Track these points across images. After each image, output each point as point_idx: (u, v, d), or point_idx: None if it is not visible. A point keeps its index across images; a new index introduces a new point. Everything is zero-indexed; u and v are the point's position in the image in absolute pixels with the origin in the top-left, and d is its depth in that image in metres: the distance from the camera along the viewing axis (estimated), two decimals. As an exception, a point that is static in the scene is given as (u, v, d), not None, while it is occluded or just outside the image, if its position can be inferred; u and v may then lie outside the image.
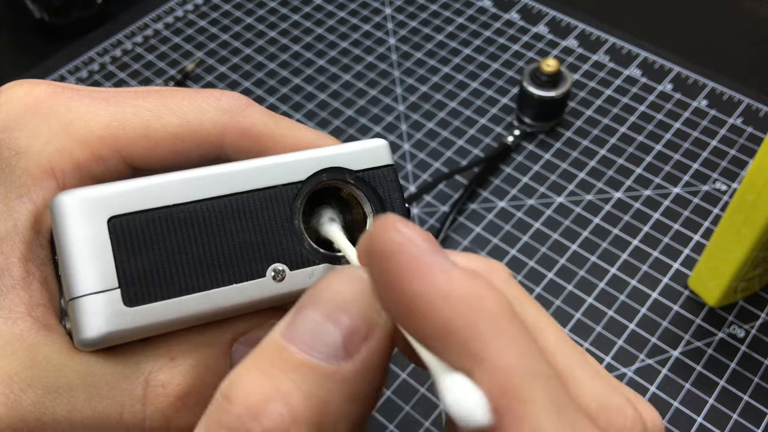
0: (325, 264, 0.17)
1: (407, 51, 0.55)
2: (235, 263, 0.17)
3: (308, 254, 0.17)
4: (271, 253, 0.17)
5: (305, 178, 0.18)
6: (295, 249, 0.17)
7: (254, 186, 0.17)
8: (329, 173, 0.18)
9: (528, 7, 0.57)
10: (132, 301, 0.16)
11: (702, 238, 0.43)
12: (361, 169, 0.18)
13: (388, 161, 0.19)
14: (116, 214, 0.16)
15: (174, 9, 0.59)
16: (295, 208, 0.18)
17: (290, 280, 0.17)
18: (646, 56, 0.53)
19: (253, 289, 0.17)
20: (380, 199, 0.18)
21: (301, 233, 0.18)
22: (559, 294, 0.41)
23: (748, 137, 0.48)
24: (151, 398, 0.16)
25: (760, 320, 0.40)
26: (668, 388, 0.38)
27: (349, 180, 0.18)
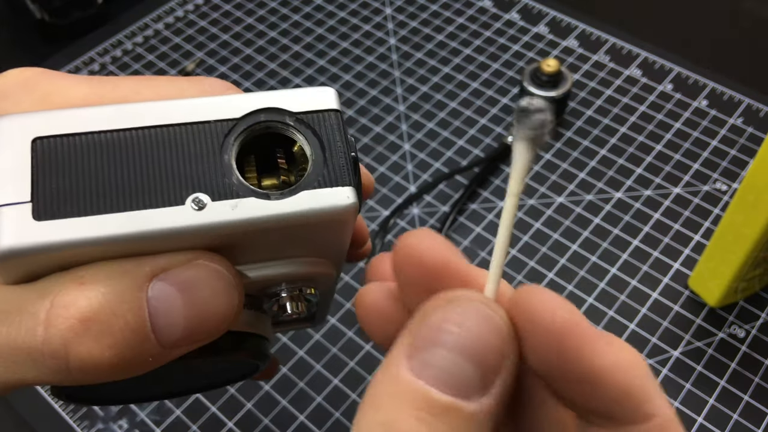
0: (251, 198, 0.16)
1: (407, 51, 0.55)
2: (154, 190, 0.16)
3: (235, 188, 0.17)
4: (194, 183, 0.16)
5: (241, 116, 0.17)
6: (221, 182, 0.16)
7: (187, 120, 0.17)
8: (267, 113, 0.17)
9: (528, 7, 0.57)
10: (41, 215, 0.15)
11: (702, 238, 0.43)
12: (302, 111, 0.18)
13: (333, 106, 0.18)
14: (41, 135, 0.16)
15: (174, 9, 0.59)
16: (227, 144, 0.17)
17: (211, 210, 0.16)
18: (646, 56, 0.53)
19: (171, 216, 0.16)
20: (321, 143, 0.17)
21: (230, 167, 0.17)
22: (559, 294, 0.41)
23: (749, 137, 0.48)
24: (53, 319, 0.16)
25: (761, 320, 0.40)
26: (668, 388, 0.38)
27: (289, 121, 0.18)
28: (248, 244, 0.18)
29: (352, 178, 0.17)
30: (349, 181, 0.17)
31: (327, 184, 0.17)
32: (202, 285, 0.17)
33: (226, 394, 0.38)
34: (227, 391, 0.38)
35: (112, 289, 0.16)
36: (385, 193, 0.46)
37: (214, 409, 0.38)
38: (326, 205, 0.17)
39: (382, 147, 0.49)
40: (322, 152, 0.17)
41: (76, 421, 0.38)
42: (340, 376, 0.39)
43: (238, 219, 0.16)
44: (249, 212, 0.16)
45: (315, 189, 0.17)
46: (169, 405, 0.38)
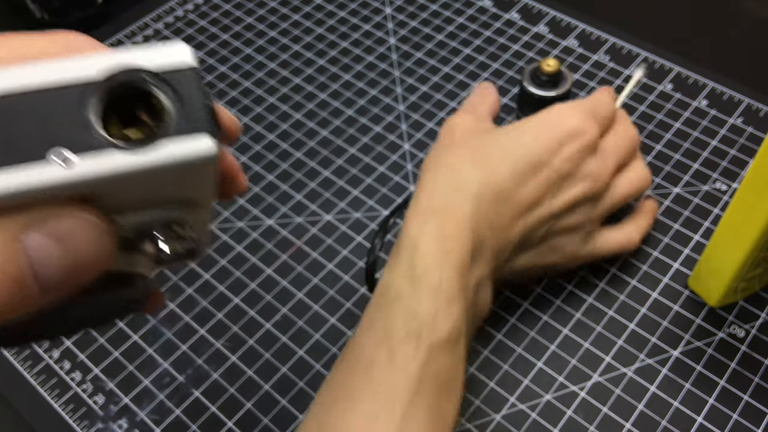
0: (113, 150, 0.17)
1: (407, 51, 0.55)
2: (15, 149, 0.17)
3: (97, 143, 0.17)
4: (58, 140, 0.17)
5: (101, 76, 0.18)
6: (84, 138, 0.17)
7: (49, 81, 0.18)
8: (126, 73, 0.18)
9: (528, 6, 0.57)
10: None
11: (702, 238, 0.43)
12: (160, 68, 0.19)
13: (189, 62, 0.19)
14: None
15: (174, 9, 0.59)
16: (89, 103, 0.18)
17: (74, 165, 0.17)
18: (646, 56, 0.53)
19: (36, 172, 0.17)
20: (179, 96, 0.18)
21: (91, 123, 0.18)
22: (559, 294, 0.41)
23: (748, 137, 0.48)
24: None
25: (760, 320, 0.40)
26: (668, 387, 0.38)
27: (147, 79, 0.18)
28: (117, 194, 0.19)
29: (208, 126, 0.18)
30: (206, 129, 0.18)
31: (185, 131, 0.18)
32: (75, 234, 0.18)
33: (226, 394, 0.38)
34: (227, 390, 0.39)
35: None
36: (385, 193, 0.46)
37: (214, 409, 0.38)
38: (186, 152, 0.18)
39: (382, 146, 0.49)
40: (180, 105, 0.18)
41: (76, 420, 0.38)
42: (340, 376, 0.39)
43: (102, 172, 0.17)
44: (110, 164, 0.17)
45: (174, 138, 0.18)
46: (169, 405, 0.38)
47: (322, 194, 0.47)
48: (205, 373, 0.39)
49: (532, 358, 0.39)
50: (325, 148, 0.49)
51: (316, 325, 0.41)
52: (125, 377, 0.39)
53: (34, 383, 0.39)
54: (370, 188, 0.47)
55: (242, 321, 0.41)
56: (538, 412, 0.37)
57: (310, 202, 0.46)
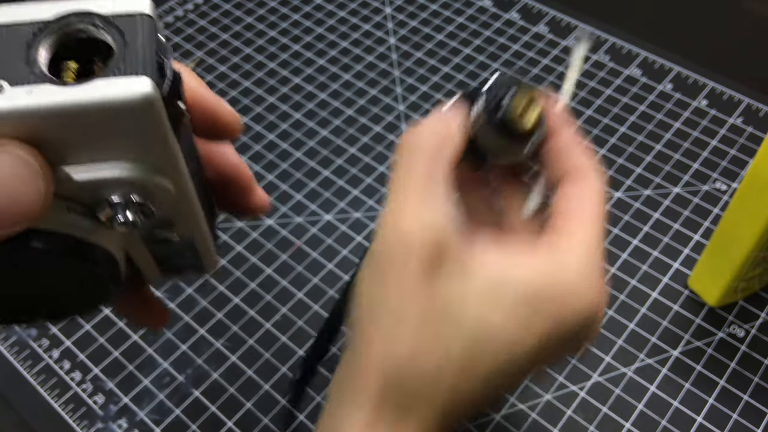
0: (47, 84, 0.17)
1: (407, 50, 0.55)
2: None
3: (35, 77, 0.17)
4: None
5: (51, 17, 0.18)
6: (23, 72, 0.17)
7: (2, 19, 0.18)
8: (78, 16, 0.18)
9: (528, 6, 0.57)
10: None
11: (702, 237, 0.43)
12: (112, 14, 0.18)
13: (145, 10, 0.18)
14: None
15: (174, 8, 0.59)
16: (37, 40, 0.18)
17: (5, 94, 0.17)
18: (646, 56, 0.53)
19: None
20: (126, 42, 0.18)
21: (35, 60, 0.17)
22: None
23: (748, 137, 0.48)
24: None
25: (760, 320, 0.40)
26: (668, 387, 0.38)
27: (97, 22, 0.18)
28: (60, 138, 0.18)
29: (150, 71, 0.18)
30: (146, 73, 0.18)
31: (123, 73, 0.17)
32: (4, 169, 0.17)
33: (226, 394, 0.38)
34: (227, 390, 0.38)
35: None
36: (385, 193, 0.46)
37: (213, 409, 0.38)
38: (119, 93, 0.17)
39: (381, 146, 0.49)
40: (125, 48, 0.18)
41: (76, 420, 0.38)
42: (340, 376, 0.39)
43: (32, 104, 0.17)
44: (43, 98, 0.17)
45: (110, 77, 0.17)
46: (169, 405, 0.38)
47: (322, 194, 0.47)
48: (205, 373, 0.39)
49: (532, 357, 0.39)
50: (325, 148, 0.49)
51: (315, 325, 0.41)
52: (125, 377, 0.39)
53: (34, 383, 0.39)
54: (370, 188, 0.47)
55: (242, 321, 0.41)
56: (538, 412, 0.37)
57: (309, 201, 0.46)
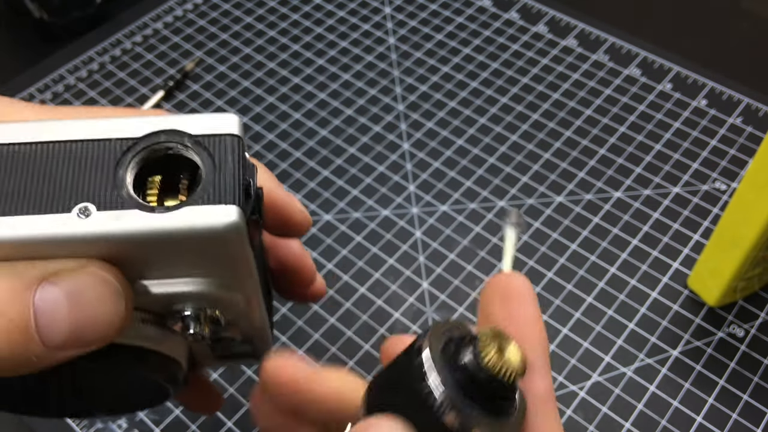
0: (135, 210, 0.17)
1: (407, 50, 0.55)
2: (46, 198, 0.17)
3: (122, 200, 0.17)
4: (85, 194, 0.17)
5: (141, 136, 0.18)
6: (111, 194, 0.17)
7: (89, 137, 0.18)
8: (167, 134, 0.18)
9: (528, 6, 0.57)
10: None
11: (701, 237, 0.43)
12: (201, 134, 0.18)
13: (233, 131, 0.18)
14: None
15: (173, 8, 0.59)
16: (125, 160, 0.18)
17: (94, 219, 0.17)
18: (645, 56, 0.53)
19: (56, 222, 0.17)
20: (213, 163, 0.18)
21: (121, 181, 0.17)
22: (558, 293, 0.41)
23: (748, 137, 0.48)
24: None
25: (760, 320, 0.40)
26: (668, 387, 0.38)
27: (187, 143, 0.18)
28: (142, 258, 0.18)
29: (238, 198, 0.17)
30: (234, 201, 0.17)
31: (211, 201, 0.17)
32: (88, 291, 0.17)
33: (226, 394, 0.38)
34: (227, 390, 0.38)
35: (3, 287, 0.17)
36: (384, 193, 0.46)
37: (213, 409, 0.38)
38: (207, 222, 0.17)
39: (381, 146, 0.49)
40: (213, 172, 0.18)
41: (76, 420, 0.38)
42: (340, 376, 0.39)
43: (120, 230, 0.17)
44: (131, 224, 0.17)
45: (198, 205, 0.17)
46: (169, 404, 0.38)
47: (322, 194, 0.47)
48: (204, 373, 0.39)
49: (532, 357, 0.39)
50: (325, 148, 0.49)
51: (315, 324, 0.41)
52: (124, 377, 0.39)
53: (34, 383, 0.39)
54: (370, 188, 0.47)
55: (242, 321, 0.41)
56: (538, 412, 0.37)
57: (309, 201, 0.46)
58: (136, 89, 0.53)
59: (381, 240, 0.44)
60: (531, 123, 0.50)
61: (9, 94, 0.52)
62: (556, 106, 0.51)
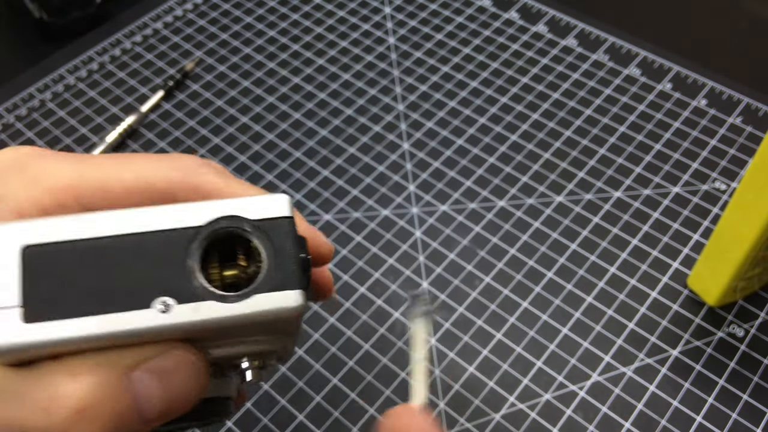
0: (212, 301, 0.19)
1: (407, 50, 0.55)
2: (126, 294, 0.19)
3: (197, 291, 0.19)
4: (161, 287, 0.19)
5: (203, 223, 0.20)
6: (184, 286, 0.19)
7: (155, 227, 0.20)
8: (228, 220, 0.20)
9: (527, 6, 0.57)
10: (29, 318, 0.18)
11: (701, 237, 0.43)
12: (258, 219, 0.20)
13: (286, 213, 0.20)
14: (29, 243, 0.19)
15: (173, 8, 0.59)
16: (191, 249, 0.19)
17: (175, 313, 0.19)
18: (645, 55, 0.53)
19: (140, 318, 0.19)
20: (274, 248, 0.20)
21: (192, 272, 0.19)
22: (558, 293, 0.41)
23: (748, 136, 0.48)
24: (54, 409, 0.18)
25: (760, 319, 0.40)
26: (668, 387, 0.38)
27: (246, 228, 0.20)
28: (214, 335, 0.20)
29: (300, 282, 0.20)
30: (298, 285, 0.20)
31: (278, 288, 0.20)
32: (175, 371, 0.20)
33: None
34: (226, 390, 0.38)
35: (100, 379, 0.19)
36: (384, 192, 0.46)
37: (213, 409, 0.38)
38: (275, 307, 0.19)
39: (381, 146, 0.49)
40: (274, 257, 0.20)
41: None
42: (339, 376, 0.39)
43: (200, 320, 0.19)
44: (208, 314, 0.19)
45: (267, 293, 0.19)
46: (168, 404, 0.38)
47: (322, 194, 0.47)
48: (204, 373, 0.39)
49: (532, 357, 0.39)
50: (325, 148, 0.49)
51: (315, 324, 0.41)
52: (124, 377, 0.39)
53: (33, 383, 0.39)
54: (370, 188, 0.47)
55: (241, 321, 0.41)
56: (538, 412, 0.37)
57: (309, 201, 0.46)
58: (136, 89, 0.53)
59: (381, 240, 0.44)
60: (531, 123, 0.50)
61: (9, 94, 0.52)
62: (555, 106, 0.51)
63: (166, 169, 0.22)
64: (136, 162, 0.22)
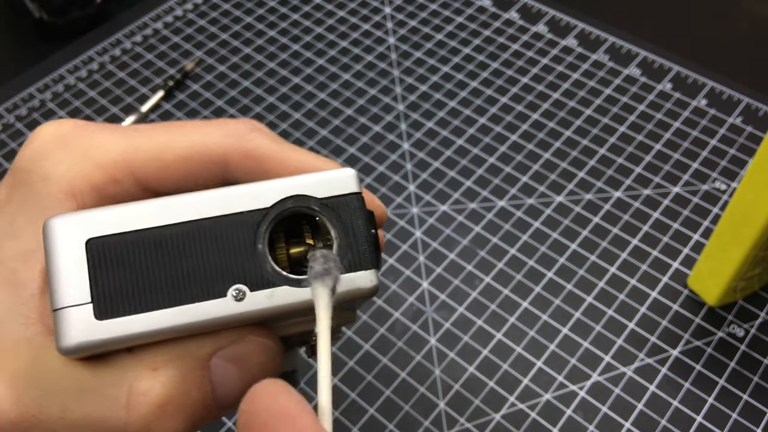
0: (285, 286, 0.19)
1: (407, 50, 0.55)
2: (199, 283, 0.18)
3: (269, 276, 0.19)
4: (233, 274, 0.18)
5: (271, 205, 0.19)
6: (256, 271, 0.18)
7: (221, 212, 0.19)
8: (295, 200, 0.19)
9: (527, 6, 0.57)
10: (102, 314, 0.18)
11: (701, 237, 0.43)
12: (326, 197, 0.19)
13: (354, 189, 0.20)
14: (93, 236, 0.18)
15: (173, 8, 0.59)
16: (260, 233, 0.19)
17: (250, 300, 0.18)
18: (645, 55, 0.53)
19: (216, 308, 0.18)
20: (344, 226, 0.19)
21: (264, 257, 0.19)
22: (558, 293, 0.41)
23: (748, 136, 0.48)
24: (134, 405, 0.18)
25: (760, 319, 0.40)
26: (668, 387, 0.38)
27: (314, 207, 0.19)
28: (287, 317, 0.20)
29: (373, 261, 0.19)
30: (371, 264, 0.19)
31: (352, 268, 0.19)
32: (252, 356, 0.19)
33: (226, 394, 0.38)
34: (226, 390, 0.38)
35: (180, 371, 0.18)
36: (384, 192, 0.46)
37: (213, 409, 0.38)
38: (351, 289, 0.19)
39: (381, 146, 0.49)
40: (345, 236, 0.19)
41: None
42: (340, 376, 0.39)
43: (274, 306, 0.19)
44: (283, 299, 0.19)
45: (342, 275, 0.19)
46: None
47: (322, 194, 0.47)
48: (204, 373, 0.39)
49: (532, 357, 0.39)
50: (325, 148, 0.49)
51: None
52: (124, 377, 0.39)
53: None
54: (370, 188, 0.47)
55: (242, 321, 0.41)
56: (538, 412, 0.37)
57: (309, 201, 0.46)
58: (136, 89, 0.53)
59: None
60: (531, 123, 0.50)
61: (9, 94, 0.52)
62: (556, 106, 0.51)
63: (218, 136, 0.21)
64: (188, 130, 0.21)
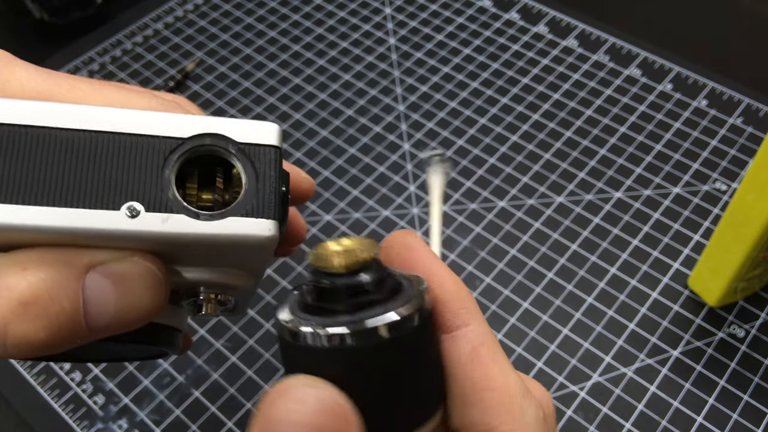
0: (182, 215, 0.18)
1: (407, 51, 0.55)
2: (94, 192, 0.17)
3: (169, 202, 0.18)
4: (132, 192, 0.18)
5: (188, 137, 0.19)
6: (157, 194, 0.18)
7: (137, 131, 0.18)
8: (213, 138, 0.19)
9: (528, 6, 0.57)
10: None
11: (702, 237, 0.43)
12: (244, 142, 0.19)
13: (273, 142, 0.19)
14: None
15: (174, 9, 0.59)
16: (170, 160, 0.18)
17: (143, 220, 0.18)
18: (646, 56, 0.53)
19: (105, 219, 0.17)
20: (256, 174, 0.19)
21: (168, 182, 0.18)
22: (559, 294, 0.41)
23: (748, 137, 0.48)
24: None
25: (760, 320, 0.40)
26: (668, 387, 0.38)
27: (231, 149, 0.19)
28: (179, 252, 0.19)
29: (276, 212, 0.19)
30: (274, 215, 0.19)
31: (253, 214, 0.18)
32: (133, 279, 0.18)
33: (226, 394, 0.38)
34: (227, 390, 0.38)
35: (52, 276, 0.17)
36: (384, 193, 0.46)
37: (213, 409, 0.38)
38: (248, 233, 0.18)
39: (381, 146, 0.49)
40: (255, 183, 0.19)
41: (76, 421, 0.38)
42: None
43: (167, 232, 0.18)
44: (177, 227, 0.18)
45: (241, 217, 0.18)
46: (169, 405, 0.38)
47: (322, 194, 0.47)
48: (205, 374, 0.39)
49: (532, 358, 0.39)
50: (325, 148, 0.49)
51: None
52: (125, 377, 0.39)
53: (34, 383, 0.39)
54: (370, 188, 0.47)
55: (242, 321, 0.41)
56: (538, 412, 0.37)
57: (310, 202, 0.46)
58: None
59: (381, 240, 0.44)
60: (531, 123, 0.50)
61: (9, 95, 0.52)
62: (556, 107, 0.51)
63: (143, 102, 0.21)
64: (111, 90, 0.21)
